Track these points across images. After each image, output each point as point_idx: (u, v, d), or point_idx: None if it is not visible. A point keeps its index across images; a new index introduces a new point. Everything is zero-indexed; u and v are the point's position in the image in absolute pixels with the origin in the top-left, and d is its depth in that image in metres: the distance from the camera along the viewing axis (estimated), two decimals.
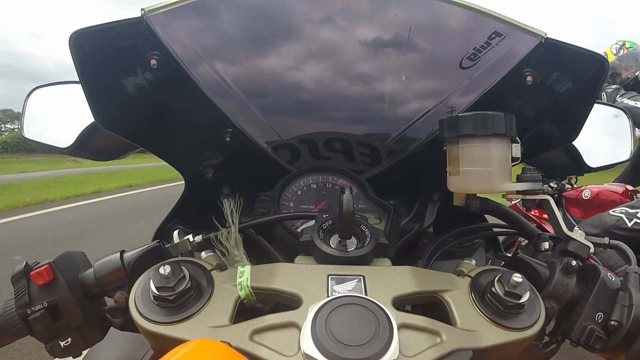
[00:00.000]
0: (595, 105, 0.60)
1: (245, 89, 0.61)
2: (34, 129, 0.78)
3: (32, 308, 0.43)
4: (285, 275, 0.44)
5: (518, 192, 0.51)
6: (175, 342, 0.37)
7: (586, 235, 0.50)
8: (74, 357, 0.48)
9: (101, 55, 0.54)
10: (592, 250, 0.49)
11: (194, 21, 0.58)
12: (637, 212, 1.99)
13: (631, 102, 2.63)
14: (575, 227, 0.53)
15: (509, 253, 0.68)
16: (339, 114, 0.66)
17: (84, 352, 0.49)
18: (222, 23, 0.61)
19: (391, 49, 0.62)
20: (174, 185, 11.55)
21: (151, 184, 12.76)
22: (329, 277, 0.43)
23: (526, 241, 0.62)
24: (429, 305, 0.49)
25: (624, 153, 0.87)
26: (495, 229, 0.70)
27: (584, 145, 0.75)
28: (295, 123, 0.65)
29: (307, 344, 0.33)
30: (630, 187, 2.69)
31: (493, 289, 0.42)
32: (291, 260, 0.49)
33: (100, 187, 10.91)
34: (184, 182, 0.70)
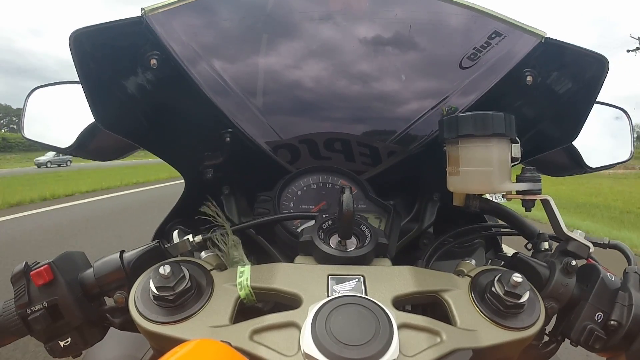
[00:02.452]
0: (595, 106, 0.60)
1: (245, 89, 0.61)
2: (34, 129, 0.78)
3: (32, 308, 0.43)
4: (285, 275, 0.44)
5: (518, 193, 0.51)
6: (175, 342, 0.37)
7: (586, 235, 0.50)
8: (73, 357, 0.48)
9: (101, 54, 0.54)
10: (591, 250, 0.49)
11: (194, 20, 0.58)
12: None
13: None
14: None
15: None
16: (339, 114, 0.66)
17: (84, 352, 0.49)
18: (222, 22, 0.61)
19: (391, 49, 0.62)
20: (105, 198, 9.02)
21: (100, 191, 10.18)
22: (329, 277, 0.43)
23: None
24: (429, 305, 0.49)
25: (624, 153, 0.87)
26: (495, 229, 0.70)
27: (584, 146, 0.75)
28: (295, 123, 0.65)
29: (307, 344, 0.33)
30: None
31: (493, 289, 0.42)
32: (291, 260, 0.49)
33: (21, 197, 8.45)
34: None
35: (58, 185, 10.96)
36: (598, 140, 0.84)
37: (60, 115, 0.81)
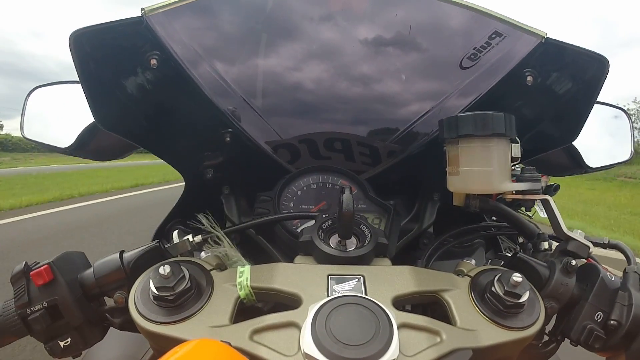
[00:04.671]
0: (595, 105, 0.60)
1: (245, 89, 0.61)
2: (34, 129, 0.78)
3: (32, 308, 0.43)
4: (285, 275, 0.44)
5: (517, 192, 0.51)
6: (175, 342, 0.37)
7: (585, 235, 0.50)
8: (73, 357, 0.48)
9: (101, 55, 0.54)
10: (591, 249, 0.49)
11: (194, 21, 0.58)
12: None
13: None
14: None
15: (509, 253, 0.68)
16: (339, 114, 0.66)
17: (84, 352, 0.49)
18: (222, 23, 0.61)
19: (391, 49, 0.62)
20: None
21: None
22: (329, 277, 0.43)
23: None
24: (429, 305, 0.49)
25: (624, 153, 0.87)
26: (495, 229, 0.70)
27: (584, 146, 0.75)
28: (295, 123, 0.65)
29: (307, 344, 0.33)
30: None
31: (493, 289, 0.42)
32: (291, 260, 0.49)
33: None
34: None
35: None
36: (598, 140, 0.84)
37: (60, 115, 0.81)
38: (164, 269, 0.40)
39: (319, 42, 0.62)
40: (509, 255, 0.64)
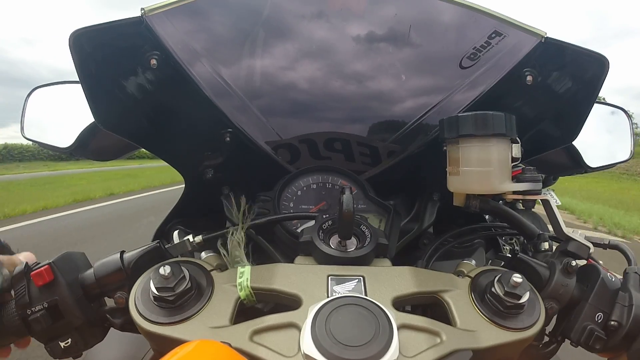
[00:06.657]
0: (595, 105, 0.60)
1: (245, 89, 0.61)
2: (34, 129, 0.78)
3: (32, 308, 0.43)
4: (285, 276, 0.44)
5: (518, 193, 0.51)
6: (175, 343, 0.37)
7: (586, 235, 0.50)
8: (74, 358, 0.48)
9: (101, 55, 0.54)
10: (591, 250, 0.49)
11: (194, 21, 0.58)
12: None
13: None
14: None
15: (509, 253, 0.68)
16: (339, 114, 0.66)
17: (84, 353, 0.49)
18: (222, 23, 0.61)
19: (390, 49, 0.62)
20: None
21: None
22: (329, 277, 0.43)
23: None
24: (429, 306, 0.49)
25: (623, 153, 0.87)
26: (495, 229, 0.70)
27: (584, 145, 0.75)
28: (295, 123, 0.65)
29: (307, 345, 0.33)
30: None
31: (493, 289, 0.42)
32: (291, 261, 0.49)
33: None
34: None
35: None
36: (598, 140, 0.84)
37: (60, 115, 0.81)
38: (164, 270, 0.40)
39: (319, 42, 0.62)
40: (509, 255, 0.64)
